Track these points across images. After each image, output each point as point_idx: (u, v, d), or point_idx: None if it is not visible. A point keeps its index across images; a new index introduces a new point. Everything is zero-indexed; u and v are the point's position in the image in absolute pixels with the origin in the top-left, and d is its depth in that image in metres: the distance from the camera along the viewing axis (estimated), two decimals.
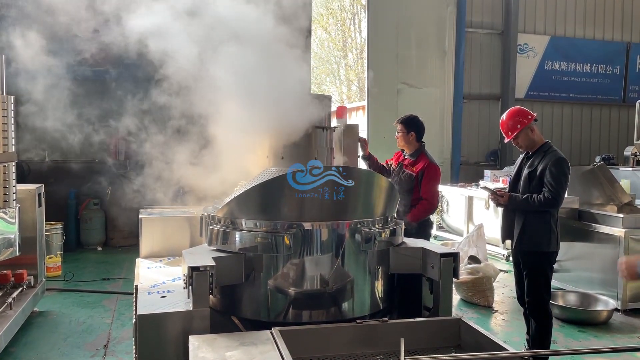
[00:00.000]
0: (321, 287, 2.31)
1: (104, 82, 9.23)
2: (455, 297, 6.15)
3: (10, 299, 4.85)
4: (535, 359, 3.32)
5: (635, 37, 13.80)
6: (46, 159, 9.39)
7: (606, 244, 5.98)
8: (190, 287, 2.13)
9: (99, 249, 9.10)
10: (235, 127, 2.74)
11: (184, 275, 2.20)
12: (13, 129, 4.63)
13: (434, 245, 2.67)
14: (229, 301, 2.40)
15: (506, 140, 4.33)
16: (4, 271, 5.19)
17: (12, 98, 4.66)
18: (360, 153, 4.82)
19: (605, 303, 5.72)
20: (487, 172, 9.60)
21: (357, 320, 2.21)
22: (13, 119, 4.65)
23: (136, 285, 2.61)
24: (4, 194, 4.50)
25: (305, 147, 2.75)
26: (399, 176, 4.68)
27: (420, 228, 4.56)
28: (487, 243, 7.18)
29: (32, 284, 5.43)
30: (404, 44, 11.73)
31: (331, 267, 2.32)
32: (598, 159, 10.64)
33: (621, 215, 5.91)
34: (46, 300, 5.97)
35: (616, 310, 5.72)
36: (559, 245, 4.20)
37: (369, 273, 2.43)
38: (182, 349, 2.07)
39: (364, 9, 15.95)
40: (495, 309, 6.03)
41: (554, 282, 4.94)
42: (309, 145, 2.77)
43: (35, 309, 5.57)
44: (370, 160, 4.91)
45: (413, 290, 2.67)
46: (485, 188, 4.98)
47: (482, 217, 8.57)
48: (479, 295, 6.07)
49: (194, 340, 2.01)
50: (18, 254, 5.02)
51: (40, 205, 5.70)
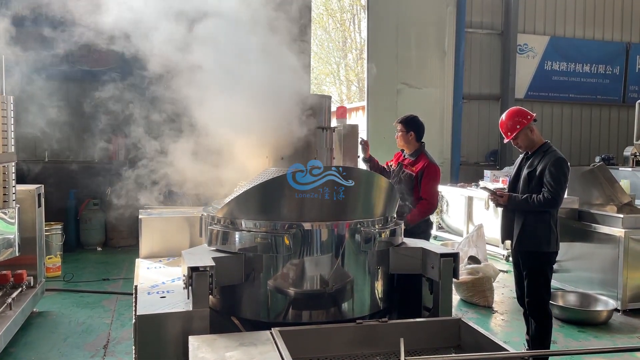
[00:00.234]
0: (321, 288, 2.31)
1: (103, 82, 9.22)
2: (455, 298, 6.15)
3: (9, 300, 4.85)
4: (535, 359, 3.32)
5: (635, 38, 13.80)
6: (46, 159, 9.39)
7: (606, 244, 5.98)
8: (190, 288, 2.13)
9: (99, 249, 9.09)
10: (234, 127, 2.74)
11: (184, 275, 2.20)
12: (12, 129, 4.63)
13: (433, 245, 2.67)
14: (228, 301, 2.40)
15: (505, 141, 4.33)
16: (4, 271, 5.18)
17: (12, 98, 4.66)
18: (361, 155, 4.82)
19: (605, 303, 5.73)
20: (487, 172, 9.59)
21: (357, 321, 2.21)
22: (13, 119, 4.65)
23: (136, 286, 2.61)
24: (3, 194, 4.50)
25: (305, 148, 2.75)
26: (399, 176, 4.68)
27: (420, 228, 4.57)
28: (487, 243, 7.18)
29: (32, 284, 5.43)
30: (404, 44, 11.72)
31: (331, 268, 2.32)
32: (598, 159, 10.63)
33: (621, 215, 5.91)
34: (46, 300, 5.97)
35: (616, 310, 5.72)
36: (558, 245, 4.20)
37: (369, 273, 2.43)
38: (182, 349, 2.07)
39: (364, 9, 15.95)
40: (495, 309, 6.03)
41: (553, 282, 4.94)
42: (309, 145, 2.77)
43: (34, 310, 5.57)
44: (371, 163, 4.91)
45: (413, 291, 2.67)
46: (484, 188, 4.98)
47: (482, 218, 8.56)
48: (479, 296, 6.07)
49: (193, 341, 2.01)
50: (18, 254, 5.02)
51: (39, 205, 5.70)
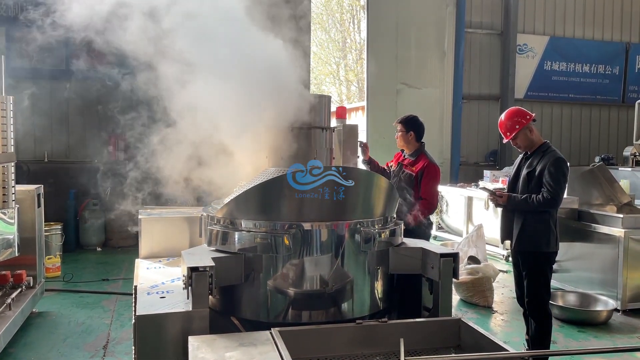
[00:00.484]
0: (321, 288, 2.31)
1: (102, 82, 9.22)
2: (455, 298, 6.15)
3: (9, 300, 4.84)
4: (535, 359, 3.32)
5: (635, 38, 13.81)
6: (45, 160, 9.39)
7: (606, 244, 5.98)
8: (189, 288, 2.13)
9: (99, 249, 9.09)
10: (234, 128, 2.74)
11: (184, 275, 2.20)
12: (12, 130, 4.63)
13: (433, 245, 2.66)
14: (228, 302, 2.40)
15: (505, 141, 4.33)
16: (3, 272, 5.18)
17: (11, 98, 4.66)
18: (361, 157, 4.82)
19: (605, 303, 5.73)
20: (487, 173, 9.59)
21: (357, 321, 2.21)
22: (12, 119, 4.65)
23: (135, 286, 2.60)
24: (3, 195, 4.50)
25: (305, 148, 2.75)
26: (399, 176, 4.68)
27: (420, 228, 4.56)
28: (487, 243, 7.18)
29: (31, 285, 5.43)
30: (404, 45, 11.72)
31: (331, 268, 2.31)
32: (597, 159, 10.63)
33: (621, 215, 5.92)
34: (45, 300, 5.96)
35: (616, 310, 5.72)
36: (558, 245, 4.20)
37: (369, 273, 2.43)
38: (182, 349, 2.07)
39: (363, 9, 15.95)
40: (494, 309, 6.03)
41: (553, 283, 4.94)
42: (309, 145, 2.77)
43: (34, 310, 5.56)
44: (371, 165, 4.92)
45: (413, 291, 2.67)
46: (484, 189, 4.98)
47: (482, 218, 8.56)
48: (479, 296, 6.07)
49: (193, 341, 2.01)
50: (17, 254, 5.03)
51: (39, 205, 5.70)
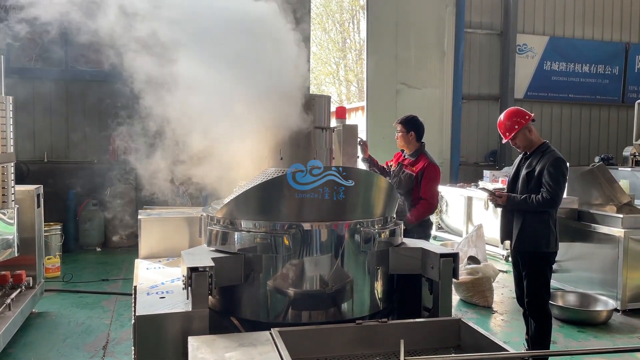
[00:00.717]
0: (321, 288, 2.31)
1: (101, 82, 9.22)
2: (455, 298, 6.15)
3: (9, 300, 4.84)
4: (535, 359, 3.32)
5: (634, 38, 13.82)
6: (45, 160, 9.39)
7: (605, 244, 5.98)
8: (189, 288, 2.13)
9: (98, 249, 9.09)
10: (233, 128, 2.74)
11: (183, 276, 2.19)
12: (12, 130, 4.63)
13: (433, 245, 2.66)
14: (228, 302, 2.40)
15: (504, 141, 4.33)
16: (3, 272, 5.17)
17: (11, 99, 4.66)
18: (361, 155, 4.82)
19: (605, 303, 5.73)
20: (487, 173, 9.59)
21: (357, 321, 2.20)
22: (12, 119, 4.65)
23: (135, 286, 2.60)
24: (2, 195, 4.50)
25: (305, 148, 2.74)
26: (399, 176, 4.68)
27: (420, 228, 4.57)
28: (487, 243, 7.18)
29: (31, 285, 5.42)
30: (403, 45, 11.72)
31: (331, 268, 2.31)
32: (597, 159, 10.64)
33: (620, 215, 5.92)
34: (45, 301, 5.96)
35: (616, 310, 5.72)
36: (558, 245, 4.20)
37: (369, 273, 2.42)
38: (182, 349, 2.07)
39: (363, 9, 15.95)
40: (494, 310, 6.03)
41: (553, 283, 4.94)
42: (309, 145, 2.76)
43: (34, 310, 5.56)
44: (370, 163, 4.92)
45: (413, 291, 2.66)
46: (483, 189, 4.98)
47: (482, 218, 8.57)
48: (479, 296, 6.07)
49: (193, 341, 2.01)
50: (17, 254, 5.03)
51: (39, 205, 5.70)
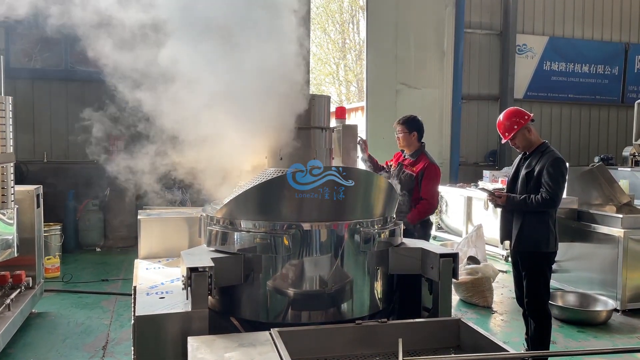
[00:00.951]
0: (320, 288, 2.31)
1: (101, 82, 9.22)
2: (455, 298, 6.15)
3: (8, 300, 4.84)
4: (535, 359, 3.32)
5: (634, 38, 13.82)
6: (45, 160, 9.39)
7: (605, 244, 5.98)
8: (189, 288, 2.13)
9: (98, 249, 9.08)
10: (233, 128, 2.73)
11: (183, 276, 2.19)
12: (11, 130, 4.63)
13: (433, 245, 2.66)
14: (227, 302, 2.40)
15: (503, 141, 4.33)
16: (2, 272, 5.17)
17: (10, 99, 4.66)
18: (360, 155, 4.82)
19: (605, 303, 5.73)
20: (486, 173, 9.59)
21: (357, 321, 2.20)
22: (11, 119, 4.65)
23: (135, 286, 2.60)
24: (2, 195, 4.50)
25: (304, 148, 2.74)
26: (399, 176, 4.68)
27: (420, 228, 4.57)
28: (486, 243, 7.18)
29: (31, 285, 5.42)
30: (403, 45, 11.72)
31: (330, 268, 2.31)
32: (597, 159, 10.63)
33: (620, 215, 5.92)
34: (45, 301, 5.96)
35: (615, 310, 5.72)
36: (557, 245, 4.20)
37: (368, 274, 2.42)
38: (181, 350, 2.07)
39: (363, 10, 15.96)
40: (494, 310, 6.03)
41: (553, 283, 4.94)
42: (308, 146, 2.76)
43: (33, 310, 5.56)
44: (370, 162, 4.92)
45: (412, 291, 2.66)
46: (483, 189, 4.98)
47: (481, 218, 8.57)
48: (478, 296, 6.07)
49: (192, 342, 2.01)
50: (16, 255, 5.02)
51: (38, 206, 5.69)
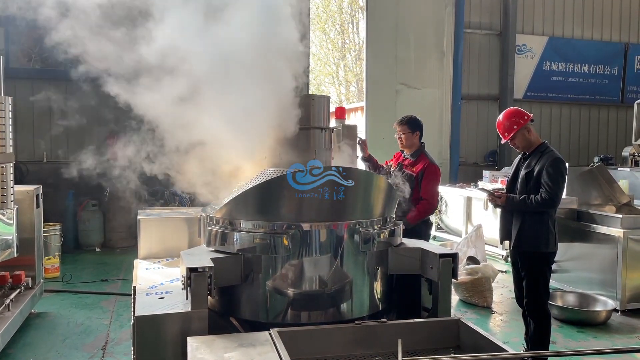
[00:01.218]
0: (320, 288, 2.31)
1: (100, 82, 9.21)
2: (454, 298, 6.15)
3: (8, 300, 4.84)
4: (534, 359, 3.32)
5: (634, 38, 13.82)
6: (44, 160, 9.39)
7: (605, 245, 5.98)
8: (188, 288, 2.13)
9: (98, 250, 9.08)
10: (233, 128, 2.73)
11: (183, 276, 2.19)
12: (11, 130, 4.62)
13: (432, 245, 2.66)
14: (227, 302, 2.40)
15: (503, 141, 4.33)
16: (2, 272, 5.17)
17: (10, 99, 4.66)
18: (360, 155, 4.82)
19: (604, 303, 5.73)
20: (486, 173, 9.59)
21: (356, 321, 2.21)
22: (11, 119, 4.65)
23: (134, 287, 2.60)
24: (1, 195, 4.50)
25: (304, 148, 2.74)
26: (399, 177, 4.67)
27: (420, 228, 4.57)
28: (486, 243, 7.19)
29: (30, 285, 5.42)
30: (402, 45, 11.72)
31: (330, 268, 2.31)
32: (596, 159, 10.64)
33: (620, 215, 5.92)
34: (44, 301, 5.96)
35: (615, 310, 5.72)
36: (557, 245, 4.20)
37: (368, 274, 2.43)
38: (181, 350, 2.07)
39: (362, 10, 15.96)
40: (494, 310, 6.03)
41: (552, 283, 4.94)
42: (308, 146, 2.76)
43: (33, 310, 5.56)
44: (370, 162, 4.92)
45: (412, 291, 2.67)
46: (482, 189, 4.98)
47: (481, 218, 8.57)
48: (478, 296, 6.07)
49: (192, 342, 2.01)
50: (16, 255, 5.02)
51: (38, 206, 5.69)
